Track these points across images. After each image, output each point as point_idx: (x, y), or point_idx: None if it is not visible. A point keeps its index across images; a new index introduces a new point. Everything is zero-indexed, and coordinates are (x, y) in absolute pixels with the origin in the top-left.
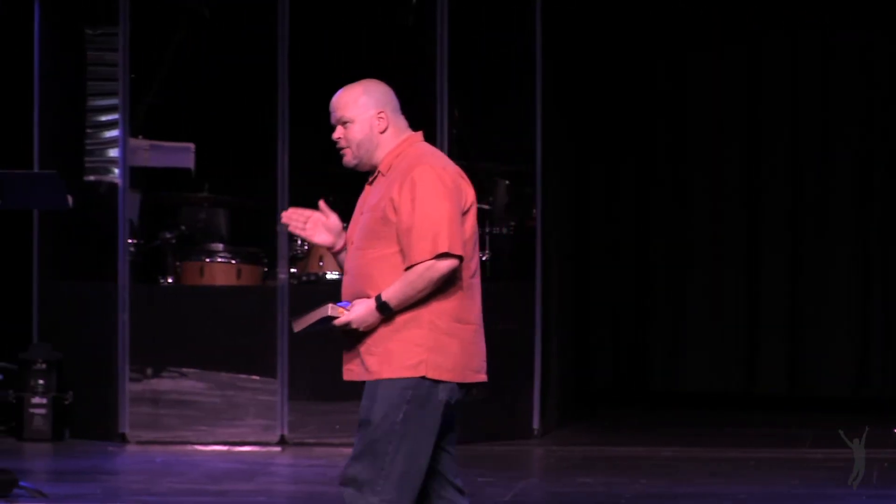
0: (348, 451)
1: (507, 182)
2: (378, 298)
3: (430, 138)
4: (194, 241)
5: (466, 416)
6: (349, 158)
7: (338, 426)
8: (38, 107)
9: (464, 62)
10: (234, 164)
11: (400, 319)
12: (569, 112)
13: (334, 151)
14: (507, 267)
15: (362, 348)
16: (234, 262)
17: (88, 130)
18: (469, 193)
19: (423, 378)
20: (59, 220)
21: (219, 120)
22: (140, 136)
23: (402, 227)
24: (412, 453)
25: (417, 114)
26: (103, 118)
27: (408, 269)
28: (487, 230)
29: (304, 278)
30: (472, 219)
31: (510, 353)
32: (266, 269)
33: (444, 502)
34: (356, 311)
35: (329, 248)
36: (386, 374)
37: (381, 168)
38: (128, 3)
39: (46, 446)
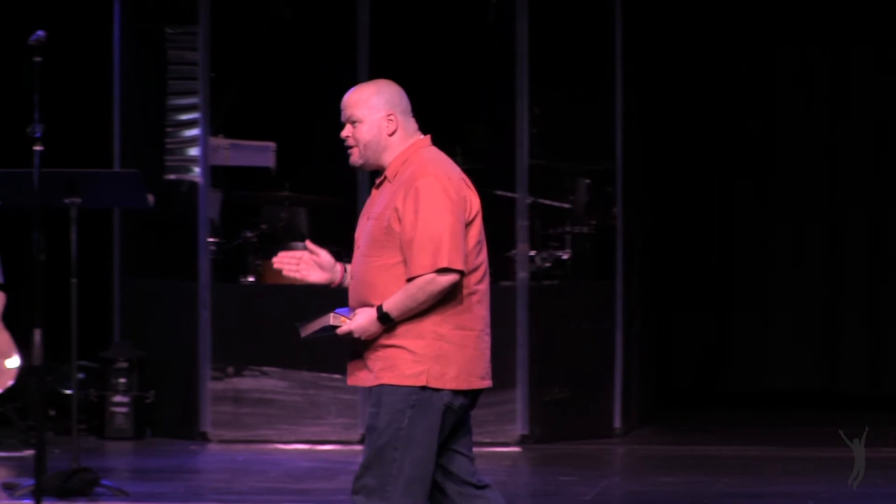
0: None
1: (587, 181)
2: (379, 309)
3: (510, 137)
4: (275, 240)
5: (548, 415)
6: (355, 158)
7: None
8: (119, 106)
9: (544, 60)
10: (315, 162)
11: (402, 329)
12: (649, 109)
13: None
14: (588, 266)
15: (367, 355)
16: None
17: (169, 129)
18: (474, 201)
19: (428, 388)
20: (139, 218)
21: (299, 119)
22: (220, 135)
23: (404, 238)
24: (418, 459)
25: (497, 112)
26: (184, 117)
27: (409, 280)
28: (568, 229)
29: None
30: (477, 226)
31: (591, 353)
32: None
33: (465, 499)
34: (358, 321)
35: (328, 285)
36: (387, 381)
37: (387, 174)
38: (208, 2)
39: (128, 445)
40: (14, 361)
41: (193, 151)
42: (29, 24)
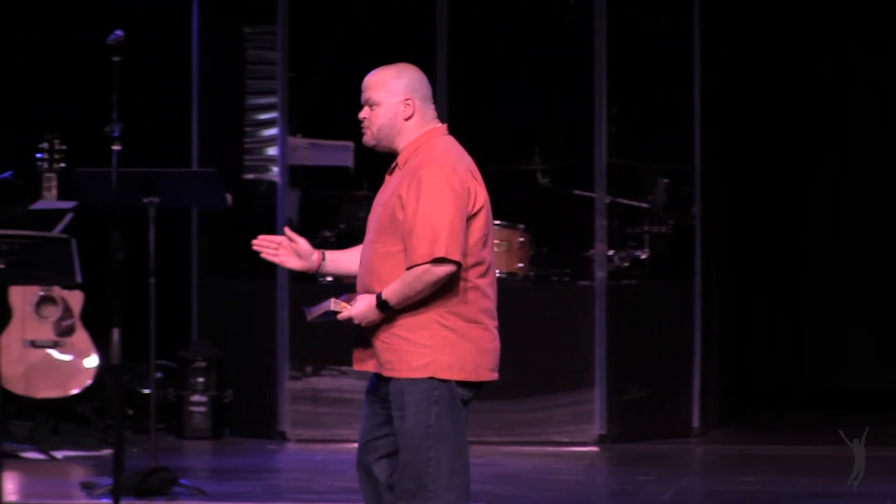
0: (508, 449)
1: (665, 180)
2: (379, 296)
3: (588, 136)
4: (353, 239)
5: (626, 414)
6: (368, 138)
7: (497, 424)
8: (197, 105)
9: (622, 60)
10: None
11: (407, 320)
12: (726, 109)
13: (499, 148)
14: (666, 265)
15: (377, 343)
16: None
17: (247, 129)
18: (480, 193)
19: (443, 380)
20: (218, 217)
21: None
22: (299, 135)
23: (405, 226)
24: (453, 452)
25: (576, 112)
26: (262, 116)
27: (408, 269)
28: (646, 229)
29: None
30: (482, 219)
31: (670, 352)
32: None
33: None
34: (358, 308)
35: (306, 271)
36: (396, 374)
37: (398, 161)
38: (286, 1)
39: (206, 444)
40: (92, 361)
41: (272, 151)
42: (108, 24)
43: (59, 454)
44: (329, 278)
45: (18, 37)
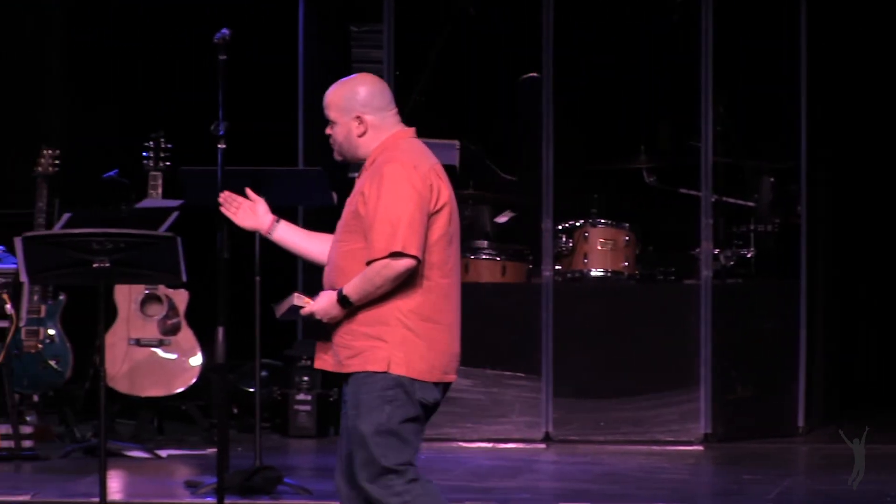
0: (613, 448)
1: (771, 179)
2: (340, 292)
3: (695, 136)
4: (460, 238)
5: (731, 414)
6: (336, 154)
7: (602, 423)
8: (303, 103)
9: (728, 58)
10: (499, 160)
11: (367, 315)
12: (834, 107)
13: (605, 147)
14: (772, 264)
15: (336, 340)
16: (498, 259)
17: None
18: (444, 191)
19: (398, 376)
20: (323, 216)
21: (483, 116)
22: None
23: (366, 222)
24: (402, 448)
25: (682, 111)
26: None
27: (368, 264)
28: (752, 227)
29: (569, 275)
30: (445, 216)
31: (775, 351)
32: (531, 266)
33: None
34: (319, 303)
35: (256, 231)
36: (355, 368)
37: (367, 164)
38: (392, 0)
39: (311, 443)
40: (197, 359)
41: None
42: (214, 23)
43: (163, 453)
44: None
45: (128, 35)
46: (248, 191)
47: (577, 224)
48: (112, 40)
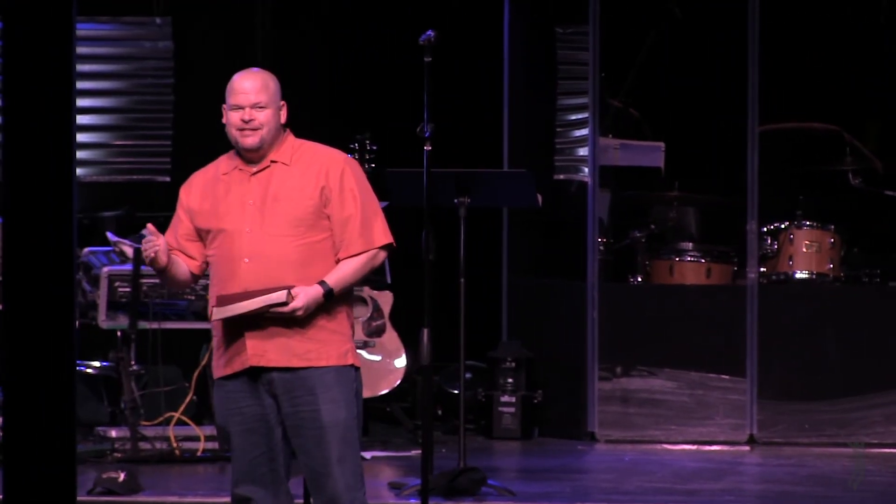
0: (818, 450)
1: None
2: (325, 285)
3: None
4: (664, 240)
5: None
6: (253, 140)
7: (807, 426)
8: (508, 105)
9: None
10: (704, 162)
11: (333, 308)
12: None
13: (809, 149)
14: None
15: (293, 334)
16: (703, 260)
17: (558, 129)
18: None
19: (353, 367)
20: (528, 218)
21: (688, 118)
22: (610, 136)
23: (342, 214)
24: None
25: (887, 111)
26: (573, 117)
27: (349, 257)
28: None
29: (774, 277)
30: None
31: None
32: (736, 268)
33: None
34: (305, 298)
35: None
36: (318, 363)
37: (277, 158)
38: (597, 2)
39: (515, 445)
40: (402, 361)
41: (582, 151)
42: (420, 24)
43: (367, 454)
44: (639, 278)
45: (332, 37)
46: (150, 226)
47: (783, 226)
48: (316, 41)
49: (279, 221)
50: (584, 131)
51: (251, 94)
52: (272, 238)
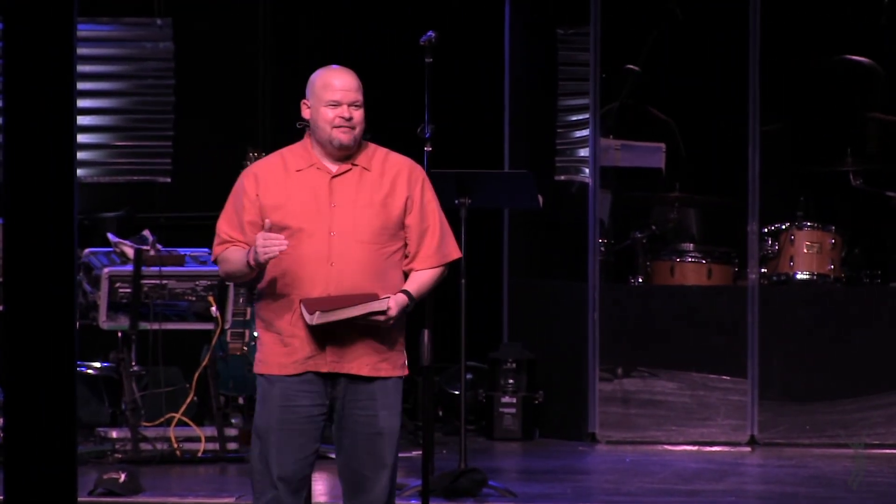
0: (819, 451)
1: None
2: (409, 295)
3: None
4: (665, 241)
5: None
6: (349, 140)
7: (808, 427)
8: (508, 106)
9: None
10: (705, 163)
11: (399, 320)
12: None
13: (811, 150)
14: None
15: (372, 344)
16: (704, 261)
17: (559, 130)
18: None
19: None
20: (529, 219)
21: (689, 119)
22: (610, 136)
23: (422, 226)
24: None
25: (888, 113)
26: (573, 118)
27: (425, 269)
28: None
29: (775, 278)
30: None
31: None
32: (737, 269)
33: None
34: (397, 308)
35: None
36: (389, 373)
37: (359, 161)
38: (598, 3)
39: (516, 446)
40: None
41: (583, 152)
42: (420, 24)
43: None
44: (640, 279)
45: (333, 36)
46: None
47: (783, 227)
48: (317, 42)
49: (367, 228)
50: (585, 132)
51: (351, 91)
52: (359, 244)
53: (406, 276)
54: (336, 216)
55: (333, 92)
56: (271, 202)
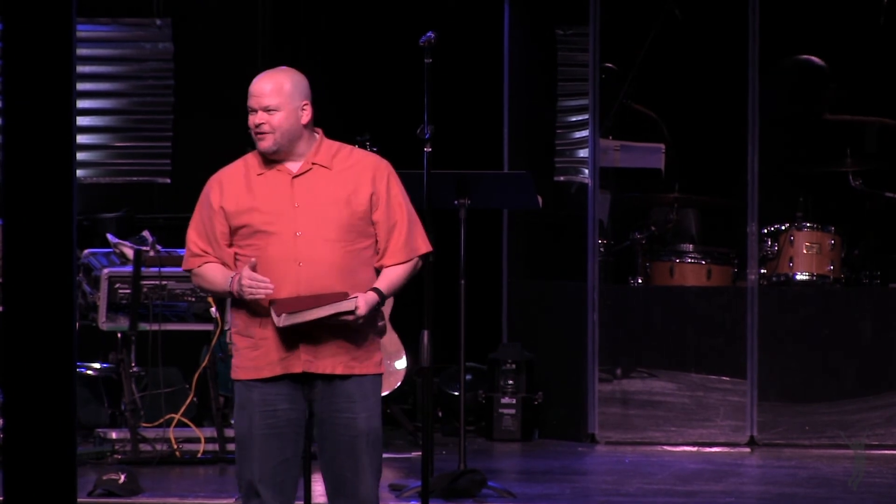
0: (819, 452)
1: None
2: (379, 293)
3: None
4: (664, 242)
5: None
6: (269, 144)
7: (807, 427)
8: (508, 107)
9: None
10: (704, 164)
11: (371, 317)
12: None
13: (811, 150)
14: None
15: (341, 342)
16: (704, 262)
17: (559, 130)
18: None
19: (381, 374)
20: (528, 219)
21: (688, 120)
22: (610, 137)
23: (389, 222)
24: None
25: (888, 114)
26: (573, 118)
27: (395, 264)
28: None
29: (774, 279)
30: None
31: None
32: (736, 270)
33: None
34: (366, 307)
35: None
36: (364, 371)
37: (318, 160)
38: (597, 3)
39: (515, 446)
40: (402, 363)
41: (582, 153)
42: (420, 25)
43: None
44: (640, 280)
45: (332, 39)
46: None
47: (783, 227)
48: (316, 42)
49: (333, 226)
50: (585, 133)
51: (262, 97)
52: (326, 242)
53: (378, 272)
54: (300, 216)
55: (249, 98)
56: (235, 208)
